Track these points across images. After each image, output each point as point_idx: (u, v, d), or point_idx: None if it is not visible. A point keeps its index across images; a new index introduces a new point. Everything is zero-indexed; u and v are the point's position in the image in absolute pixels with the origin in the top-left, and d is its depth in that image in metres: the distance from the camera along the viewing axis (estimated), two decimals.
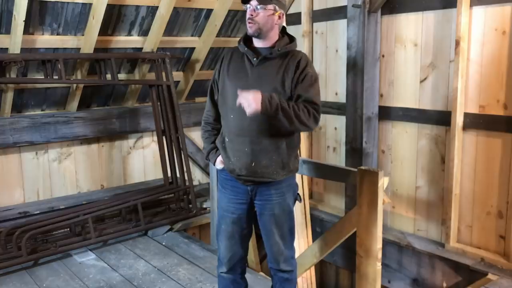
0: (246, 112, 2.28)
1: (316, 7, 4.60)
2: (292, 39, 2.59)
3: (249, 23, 2.45)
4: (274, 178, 2.54)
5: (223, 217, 2.67)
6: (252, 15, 2.43)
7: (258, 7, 2.42)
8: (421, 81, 3.83)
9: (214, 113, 2.69)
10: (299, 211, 4.12)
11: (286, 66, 2.48)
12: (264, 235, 2.69)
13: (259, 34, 2.47)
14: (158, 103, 4.74)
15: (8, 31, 3.79)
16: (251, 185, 2.57)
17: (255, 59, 2.49)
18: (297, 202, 2.75)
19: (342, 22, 4.30)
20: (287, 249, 2.70)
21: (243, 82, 2.48)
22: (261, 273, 3.83)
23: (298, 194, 2.74)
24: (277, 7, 2.46)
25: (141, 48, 4.66)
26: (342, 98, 4.40)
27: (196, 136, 5.54)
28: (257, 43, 2.53)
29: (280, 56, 2.50)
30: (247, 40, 2.58)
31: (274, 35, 2.52)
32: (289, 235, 2.70)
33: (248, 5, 2.46)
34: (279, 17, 2.48)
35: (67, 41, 4.17)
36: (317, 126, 2.56)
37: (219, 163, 2.64)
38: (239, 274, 2.78)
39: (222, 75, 2.59)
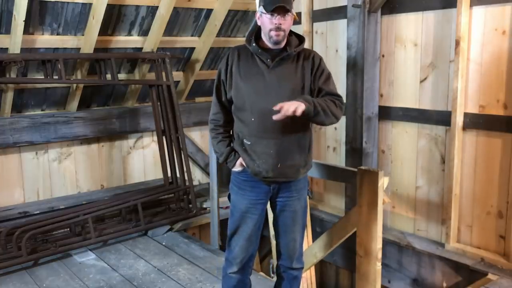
0: (269, 114, 2.30)
1: (316, 7, 4.60)
2: (301, 38, 2.57)
3: (277, 31, 2.37)
4: (297, 176, 2.58)
5: (243, 218, 2.62)
6: (281, 23, 2.37)
7: (286, 14, 2.37)
8: (421, 81, 3.83)
9: (224, 115, 2.62)
10: None
11: (302, 66, 2.49)
12: (282, 232, 2.68)
13: (282, 40, 2.43)
14: (158, 103, 4.74)
15: (8, 31, 3.79)
16: (274, 185, 2.58)
17: (269, 60, 2.45)
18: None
19: (342, 22, 4.30)
20: (300, 247, 2.74)
21: (260, 84, 2.45)
22: (261, 273, 3.83)
23: (308, 190, 2.75)
24: (293, 10, 2.43)
25: (141, 48, 4.66)
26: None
27: (196, 136, 5.55)
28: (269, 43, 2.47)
29: (293, 56, 2.49)
30: (255, 39, 2.50)
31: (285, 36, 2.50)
32: (303, 231, 2.73)
33: (274, 14, 2.36)
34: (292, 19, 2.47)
35: (67, 41, 4.17)
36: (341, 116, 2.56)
37: (238, 166, 2.59)
38: (247, 274, 2.78)
39: (233, 77, 2.51)
